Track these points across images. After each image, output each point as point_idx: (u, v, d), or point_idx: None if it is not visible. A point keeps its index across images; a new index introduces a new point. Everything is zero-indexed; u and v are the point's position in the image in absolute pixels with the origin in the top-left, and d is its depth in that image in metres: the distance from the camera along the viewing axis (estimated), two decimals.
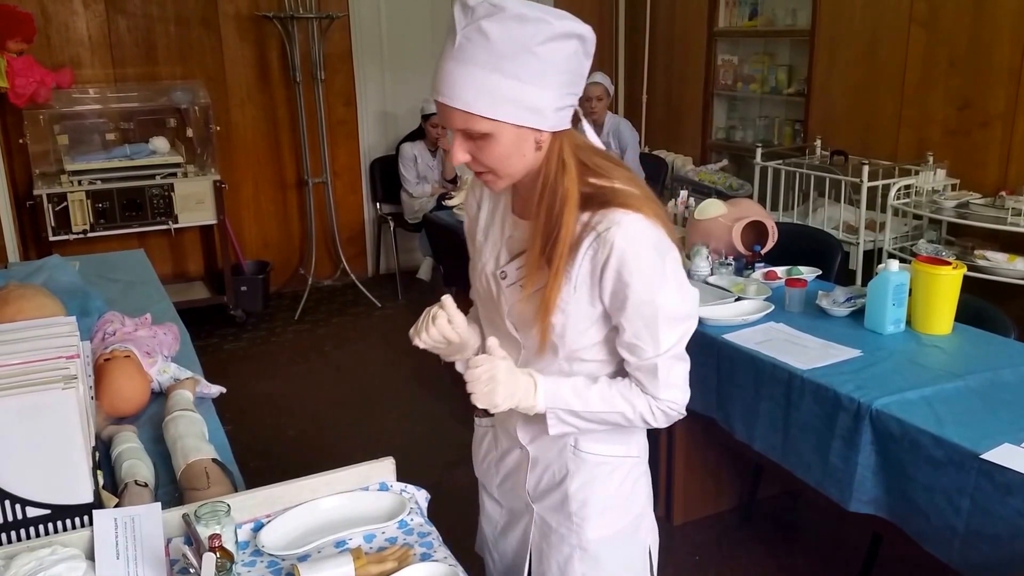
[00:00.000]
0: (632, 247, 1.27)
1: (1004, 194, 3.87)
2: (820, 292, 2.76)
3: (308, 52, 5.28)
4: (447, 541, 1.49)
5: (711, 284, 2.94)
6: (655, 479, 1.58)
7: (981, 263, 3.73)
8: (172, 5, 5.12)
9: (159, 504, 1.42)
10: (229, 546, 1.34)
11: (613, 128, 5.17)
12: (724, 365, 2.54)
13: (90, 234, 4.61)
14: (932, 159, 4.26)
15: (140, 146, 4.83)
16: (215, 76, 5.29)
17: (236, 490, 1.64)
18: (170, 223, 4.77)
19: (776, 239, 3.16)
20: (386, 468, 1.64)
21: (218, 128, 5.07)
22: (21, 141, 4.62)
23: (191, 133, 4.91)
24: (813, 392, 2.23)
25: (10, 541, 1.39)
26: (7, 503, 1.38)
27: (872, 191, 4.22)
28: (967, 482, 1.85)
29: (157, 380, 2.11)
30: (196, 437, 1.80)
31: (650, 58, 6.31)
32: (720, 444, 2.93)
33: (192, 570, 1.27)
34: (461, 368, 1.45)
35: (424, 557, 1.42)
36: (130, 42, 5.07)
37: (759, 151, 4.95)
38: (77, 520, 1.43)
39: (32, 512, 1.40)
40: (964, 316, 2.52)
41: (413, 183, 5.49)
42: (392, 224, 5.77)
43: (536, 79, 1.19)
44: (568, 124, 1.28)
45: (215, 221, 4.91)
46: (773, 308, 2.69)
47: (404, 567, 1.36)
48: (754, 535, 3.03)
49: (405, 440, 3.74)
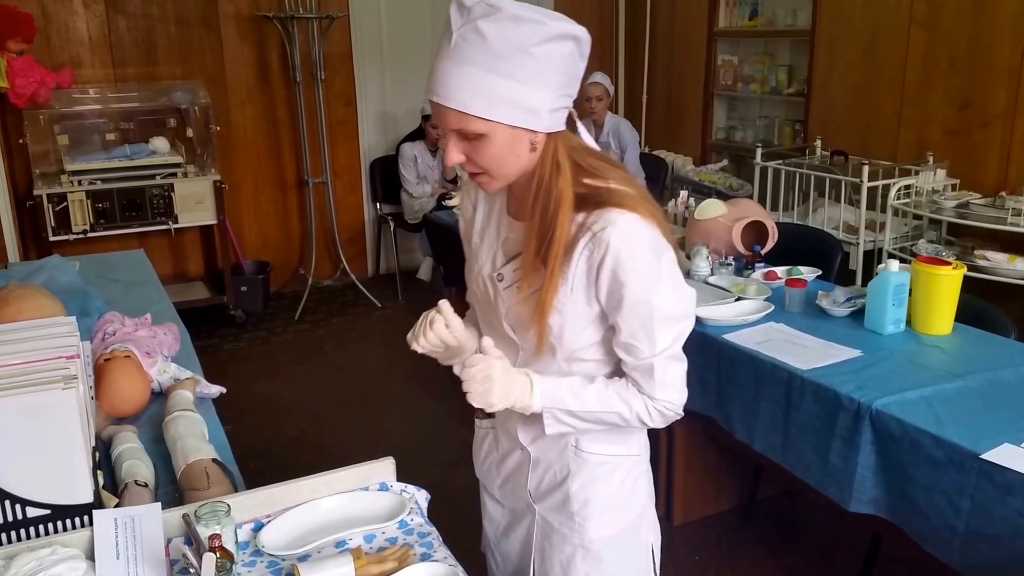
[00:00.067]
0: (628, 247, 1.27)
1: (1004, 194, 3.88)
2: (820, 292, 2.76)
3: (308, 52, 5.29)
4: (447, 541, 1.49)
5: (711, 284, 2.94)
6: (655, 479, 1.58)
7: (981, 263, 3.73)
8: (172, 5, 5.12)
9: (159, 504, 1.42)
10: (229, 546, 1.34)
11: (613, 128, 5.16)
12: (724, 365, 2.54)
13: (90, 234, 4.61)
14: (932, 159, 4.26)
15: (140, 146, 4.83)
16: (215, 76, 5.29)
17: (236, 490, 1.64)
18: (170, 223, 4.77)
19: (776, 239, 3.16)
20: (386, 468, 1.64)
21: (218, 128, 5.07)
22: (21, 141, 4.62)
23: (191, 133, 4.91)
24: (813, 392, 2.23)
25: (10, 541, 1.39)
26: (7, 503, 1.38)
27: (872, 191, 4.22)
28: (967, 482, 1.85)
29: (157, 380, 2.11)
30: (196, 437, 1.80)
31: (650, 58, 6.31)
32: (720, 444, 2.93)
33: (192, 570, 1.27)
34: (459, 370, 1.45)
35: (424, 557, 1.42)
36: (130, 42, 5.07)
37: (759, 151, 4.95)
38: (77, 520, 1.43)
39: (32, 512, 1.40)
40: (964, 316, 2.52)
41: (413, 183, 5.49)
42: (392, 224, 5.77)
43: (532, 80, 1.19)
44: (563, 125, 1.29)
45: (215, 221, 4.91)
46: (773, 308, 2.69)
47: (404, 567, 1.36)
48: (754, 535, 3.03)
49: (405, 440, 3.74)
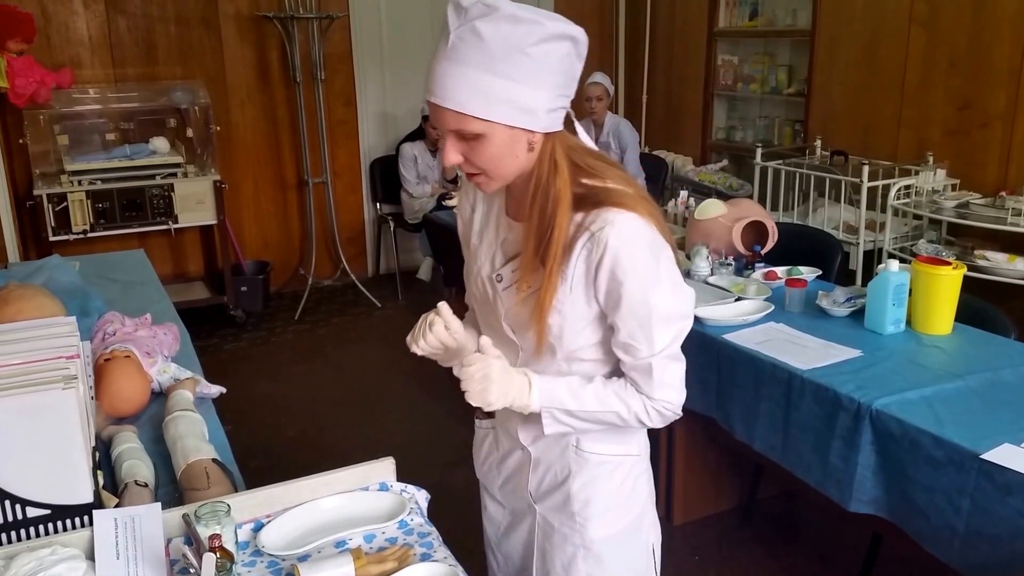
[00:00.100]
0: (626, 246, 1.27)
1: (1004, 194, 3.88)
2: (820, 292, 2.76)
3: (308, 52, 5.29)
4: (447, 541, 1.49)
5: (711, 284, 2.94)
6: (655, 479, 1.58)
7: (981, 263, 3.73)
8: (172, 5, 5.12)
9: (159, 504, 1.42)
10: (229, 546, 1.34)
11: (613, 128, 5.17)
12: (724, 365, 2.54)
13: (90, 234, 4.61)
14: (932, 159, 4.26)
15: (140, 146, 4.83)
16: (215, 76, 5.29)
17: (236, 490, 1.64)
18: (170, 223, 4.77)
19: (776, 239, 3.16)
20: (386, 468, 1.64)
21: (218, 128, 5.07)
22: (21, 141, 4.62)
23: (191, 133, 4.91)
24: (813, 392, 2.23)
25: (10, 541, 1.39)
26: (7, 503, 1.38)
27: (872, 191, 4.23)
28: (967, 482, 1.85)
29: (157, 380, 2.11)
30: (196, 437, 1.80)
31: (650, 58, 6.31)
32: (720, 444, 2.93)
33: (192, 570, 1.27)
34: (458, 370, 1.45)
35: (424, 557, 1.42)
36: (130, 42, 5.07)
37: (759, 151, 4.95)
38: (77, 520, 1.43)
39: (32, 512, 1.40)
40: (964, 316, 2.52)
41: (413, 183, 5.49)
42: (392, 224, 5.77)
43: (529, 80, 1.19)
44: (560, 126, 1.29)
45: (215, 221, 4.91)
46: (773, 308, 2.69)
47: (404, 567, 1.36)
48: (754, 535, 3.03)
49: (405, 440, 3.74)
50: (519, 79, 1.19)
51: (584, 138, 1.36)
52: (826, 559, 2.90)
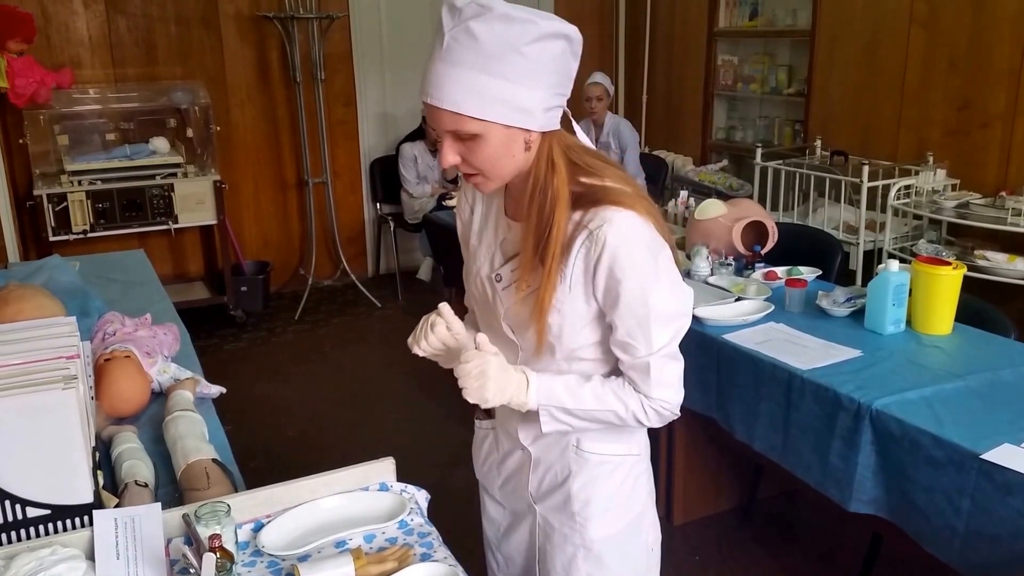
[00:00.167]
0: (624, 245, 1.27)
1: (1004, 194, 3.88)
2: (820, 292, 2.76)
3: (308, 52, 5.28)
4: (447, 541, 1.49)
5: (711, 284, 2.94)
6: (655, 479, 1.58)
7: (981, 263, 3.73)
8: (172, 5, 5.12)
9: (159, 504, 1.42)
10: (229, 546, 1.34)
11: (613, 128, 5.17)
12: (724, 365, 2.54)
13: (90, 234, 4.61)
14: (932, 159, 4.26)
15: (140, 146, 4.83)
16: (215, 76, 5.29)
17: (236, 490, 1.64)
18: (170, 223, 4.77)
19: (776, 239, 3.16)
20: (386, 468, 1.64)
21: (218, 128, 5.07)
22: (21, 141, 4.62)
23: (191, 133, 4.91)
24: (813, 392, 2.23)
25: (10, 541, 1.39)
26: (7, 503, 1.38)
27: (872, 191, 4.23)
28: (967, 482, 1.85)
29: (157, 380, 2.11)
30: (196, 437, 1.80)
31: (650, 58, 6.31)
32: (720, 444, 2.93)
33: (192, 570, 1.27)
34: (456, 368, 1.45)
35: (424, 557, 1.42)
36: (130, 42, 5.07)
37: (759, 151, 4.95)
38: (77, 520, 1.43)
39: (32, 512, 1.40)
40: (964, 316, 2.52)
41: (413, 183, 5.49)
42: (392, 224, 5.77)
43: (524, 79, 1.19)
44: (557, 124, 1.29)
45: (215, 221, 4.91)
46: (773, 308, 2.69)
47: (404, 567, 1.36)
48: (754, 535, 3.03)
49: (405, 440, 3.74)
50: (514, 78, 1.19)
51: (582, 138, 1.36)
52: (826, 559, 2.90)
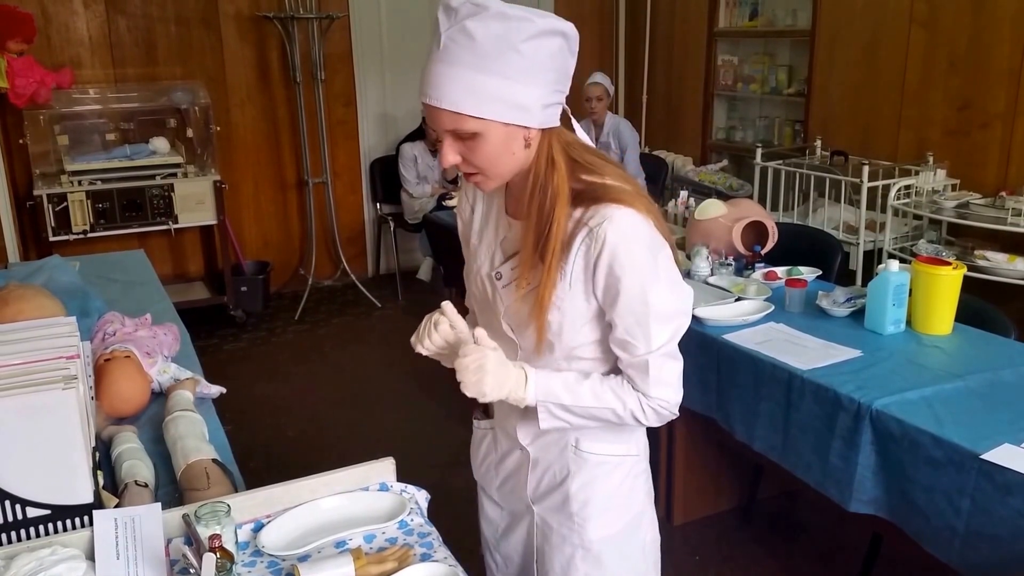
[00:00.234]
0: (624, 242, 1.27)
1: (1004, 194, 3.88)
2: (820, 292, 2.76)
3: (308, 52, 5.29)
4: (447, 541, 1.49)
5: (711, 284, 2.94)
6: (655, 479, 1.58)
7: (981, 263, 3.73)
8: (172, 5, 5.12)
9: (159, 504, 1.42)
10: (229, 546, 1.34)
11: (613, 128, 5.17)
12: (724, 365, 2.54)
13: (90, 234, 4.61)
14: (932, 159, 4.26)
15: (140, 146, 4.83)
16: (215, 76, 5.29)
17: (236, 490, 1.64)
18: (170, 223, 4.77)
19: (776, 239, 3.16)
20: (386, 468, 1.63)
21: (218, 128, 5.07)
22: (21, 141, 4.62)
23: (191, 133, 4.91)
24: (813, 392, 2.23)
25: (10, 541, 1.39)
26: (7, 503, 1.38)
27: (872, 191, 4.23)
28: (967, 482, 1.85)
29: (157, 380, 2.11)
30: (196, 437, 1.80)
31: (650, 58, 6.31)
32: (720, 444, 2.93)
33: (192, 570, 1.27)
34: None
35: (424, 557, 1.42)
36: (130, 42, 5.07)
37: (759, 151, 4.95)
38: (77, 520, 1.43)
39: (32, 512, 1.40)
40: (964, 316, 2.52)
41: (413, 183, 5.49)
42: (392, 224, 5.78)
43: (522, 76, 1.20)
44: (557, 121, 1.29)
45: (215, 221, 4.91)
46: (773, 308, 2.69)
47: (404, 567, 1.36)
48: (754, 535, 3.03)
49: (405, 440, 3.74)
50: (512, 76, 1.19)
51: (581, 135, 1.36)
52: (826, 559, 2.90)
